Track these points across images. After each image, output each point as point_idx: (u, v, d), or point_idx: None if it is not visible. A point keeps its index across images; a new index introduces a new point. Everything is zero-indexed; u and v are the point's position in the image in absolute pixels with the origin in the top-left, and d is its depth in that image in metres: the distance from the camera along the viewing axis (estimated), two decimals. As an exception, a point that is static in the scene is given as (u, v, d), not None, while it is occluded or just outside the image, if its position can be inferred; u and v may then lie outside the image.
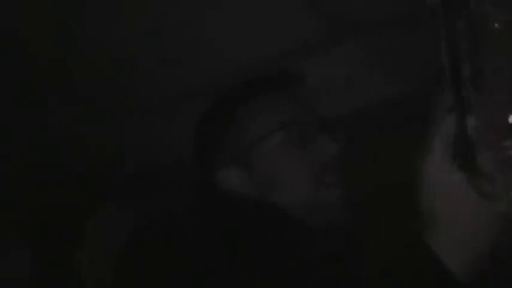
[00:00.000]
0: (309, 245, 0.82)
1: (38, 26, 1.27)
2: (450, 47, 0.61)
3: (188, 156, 1.01)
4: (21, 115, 1.54)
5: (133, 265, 0.81)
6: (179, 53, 1.38)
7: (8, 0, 1.20)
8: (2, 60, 1.35)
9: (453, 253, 0.63)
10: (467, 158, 0.61)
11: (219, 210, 0.84)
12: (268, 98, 0.94)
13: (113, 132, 1.62)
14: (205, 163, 0.95)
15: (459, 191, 0.62)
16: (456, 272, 0.63)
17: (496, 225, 0.62)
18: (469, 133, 0.60)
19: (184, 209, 0.89)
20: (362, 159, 1.01)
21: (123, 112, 1.55)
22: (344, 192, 0.90)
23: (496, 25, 0.58)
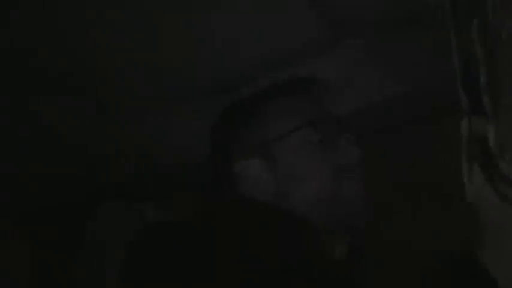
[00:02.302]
0: (311, 249, 0.82)
1: (38, 25, 1.27)
2: (462, 51, 0.62)
3: (189, 157, 1.01)
4: (21, 115, 1.54)
5: (139, 265, 0.81)
6: (179, 53, 1.38)
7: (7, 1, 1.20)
8: (2, 60, 1.35)
9: (500, 267, 0.63)
10: (490, 163, 0.61)
11: (227, 208, 0.84)
12: (290, 99, 0.95)
13: (113, 132, 1.62)
14: (222, 160, 0.95)
15: (498, 206, 0.62)
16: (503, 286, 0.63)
17: None
18: (490, 139, 0.60)
19: (186, 211, 0.89)
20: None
21: (124, 112, 1.55)
22: (361, 192, 0.91)
23: (503, 35, 0.59)
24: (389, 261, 1.45)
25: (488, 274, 0.64)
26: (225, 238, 0.77)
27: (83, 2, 1.22)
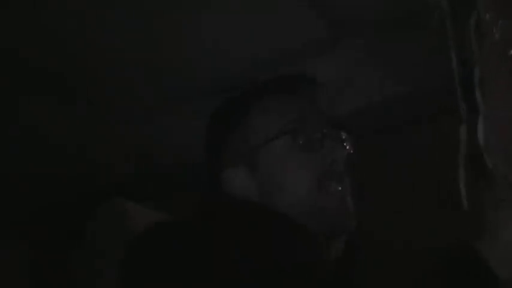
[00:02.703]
0: (309, 249, 0.82)
1: (38, 26, 1.27)
2: (459, 50, 0.62)
3: (189, 157, 1.01)
4: (21, 115, 1.54)
5: (139, 265, 0.81)
6: (181, 53, 1.38)
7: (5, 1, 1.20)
8: (2, 61, 1.35)
9: (502, 260, 0.64)
10: (479, 164, 0.61)
11: (221, 212, 0.84)
12: (279, 99, 0.94)
13: (113, 132, 1.62)
14: (214, 162, 0.95)
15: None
16: (505, 279, 0.64)
17: None
18: (480, 139, 0.60)
19: (186, 211, 0.89)
20: (362, 160, 1.01)
21: (123, 112, 1.55)
22: (347, 198, 0.90)
23: (497, 35, 0.59)
24: (389, 261, 1.45)
25: (487, 272, 0.64)
26: (224, 238, 0.77)
27: (83, 3, 1.22)
